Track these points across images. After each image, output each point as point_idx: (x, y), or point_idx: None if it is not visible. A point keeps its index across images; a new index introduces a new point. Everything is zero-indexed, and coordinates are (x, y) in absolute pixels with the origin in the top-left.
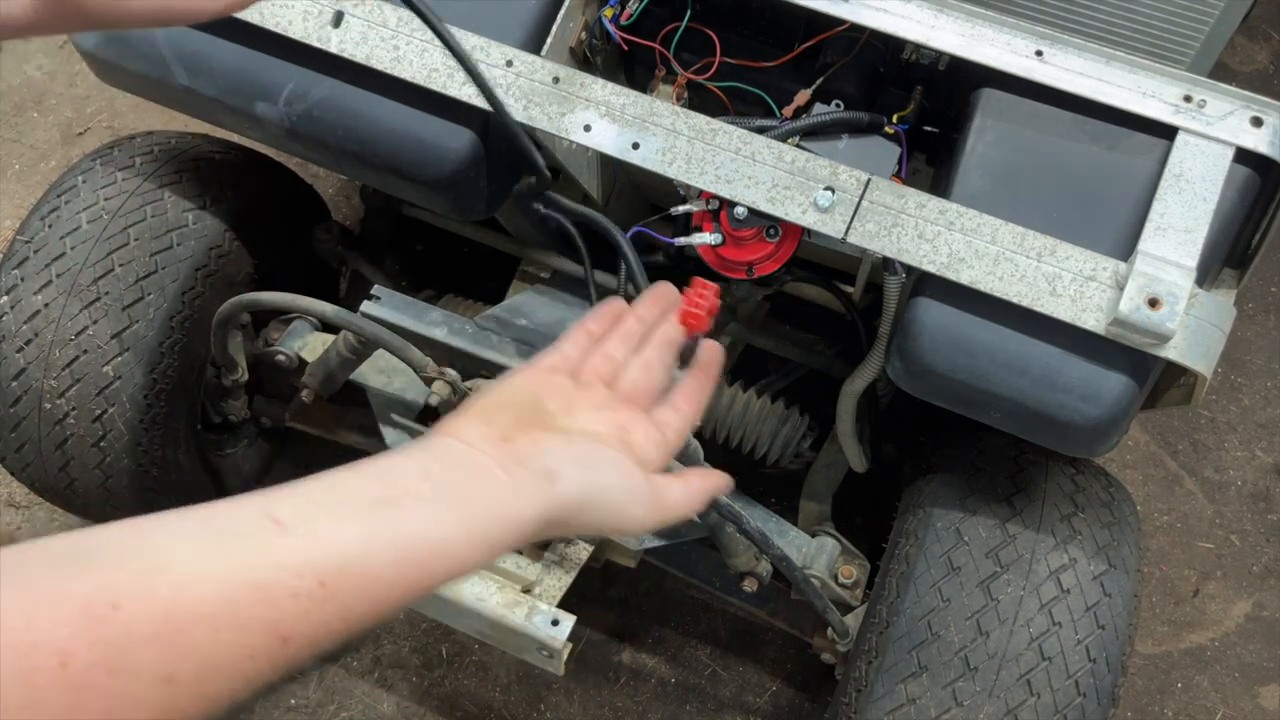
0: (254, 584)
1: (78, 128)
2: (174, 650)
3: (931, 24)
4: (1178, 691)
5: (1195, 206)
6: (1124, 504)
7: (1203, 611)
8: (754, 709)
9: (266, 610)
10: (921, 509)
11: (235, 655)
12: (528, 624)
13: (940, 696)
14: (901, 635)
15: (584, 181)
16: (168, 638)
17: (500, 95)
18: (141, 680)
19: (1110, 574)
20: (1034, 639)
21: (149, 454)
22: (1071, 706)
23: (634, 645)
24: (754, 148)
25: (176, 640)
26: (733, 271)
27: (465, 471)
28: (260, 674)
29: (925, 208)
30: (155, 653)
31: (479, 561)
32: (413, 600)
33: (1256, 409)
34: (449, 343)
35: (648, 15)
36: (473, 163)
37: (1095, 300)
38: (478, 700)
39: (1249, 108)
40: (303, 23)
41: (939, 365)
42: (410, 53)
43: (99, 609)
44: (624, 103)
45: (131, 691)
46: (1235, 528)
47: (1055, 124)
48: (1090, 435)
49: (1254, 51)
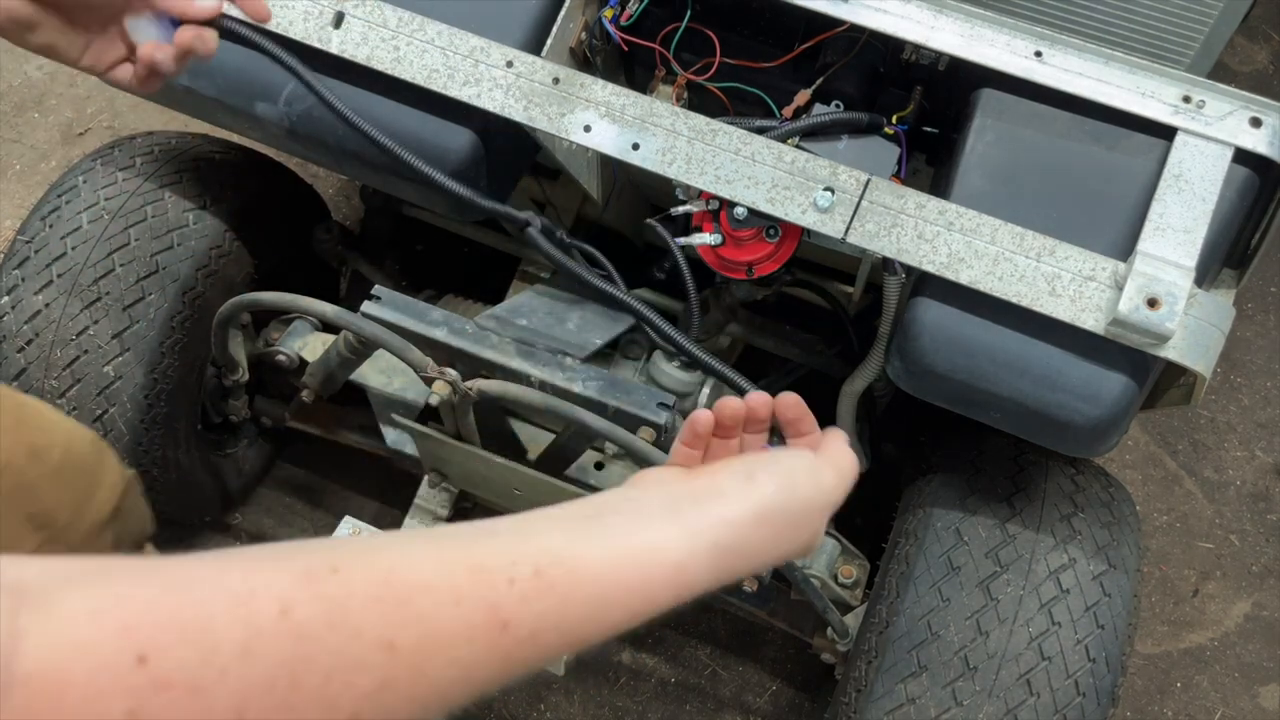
0: (471, 566)
1: (78, 128)
2: (395, 615)
3: (931, 24)
4: (1177, 691)
5: (1194, 207)
6: (1124, 504)
7: (1202, 611)
8: (754, 709)
9: (485, 590)
10: (921, 509)
11: (455, 631)
12: None
13: (940, 696)
14: (901, 635)
15: (584, 182)
16: (389, 602)
17: (501, 96)
18: (363, 641)
19: (1110, 574)
20: (1034, 639)
21: (149, 454)
22: (1071, 706)
23: (634, 645)
24: (754, 148)
25: (397, 606)
26: (733, 271)
27: (665, 486)
28: (479, 664)
29: (925, 208)
30: (377, 615)
31: (706, 565)
32: (641, 610)
33: (1256, 409)
34: (449, 343)
35: (648, 16)
36: (473, 163)
37: (1095, 300)
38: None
39: (1248, 108)
40: (303, 23)
41: (939, 365)
42: (410, 53)
43: (318, 571)
44: (624, 103)
45: (353, 651)
46: (1235, 528)
47: (1055, 124)
48: (1090, 435)
49: (1253, 52)
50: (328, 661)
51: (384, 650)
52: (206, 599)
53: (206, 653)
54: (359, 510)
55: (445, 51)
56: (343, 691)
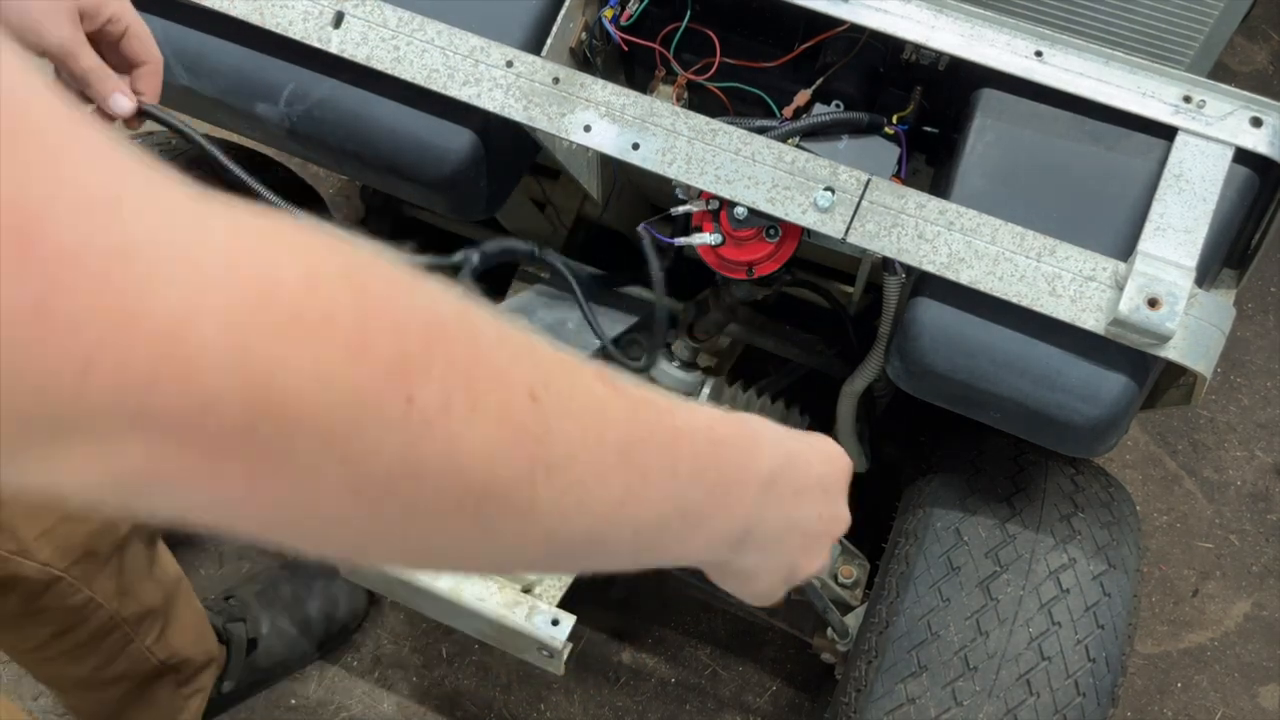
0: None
1: None
2: (530, 358)
3: (931, 24)
4: (1177, 691)
5: (1195, 207)
6: (1123, 504)
7: (1202, 611)
8: (754, 709)
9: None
10: (921, 509)
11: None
12: (528, 624)
13: (940, 696)
14: (901, 635)
15: (584, 182)
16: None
17: (501, 96)
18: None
19: (1110, 574)
20: (1033, 639)
21: None
22: (1071, 706)
23: (634, 645)
24: (754, 148)
25: (528, 351)
26: (733, 271)
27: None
28: (608, 435)
29: (925, 208)
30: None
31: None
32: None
33: (1256, 409)
34: None
35: (648, 15)
36: (473, 163)
37: (1095, 300)
38: (478, 700)
39: (1249, 108)
40: (303, 23)
41: (939, 365)
42: (410, 53)
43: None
44: (624, 103)
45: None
46: (1235, 528)
47: (1055, 124)
48: (1090, 435)
49: (1254, 52)
50: (494, 329)
51: (530, 350)
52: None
53: (384, 256)
54: None
55: (445, 51)
56: (515, 359)
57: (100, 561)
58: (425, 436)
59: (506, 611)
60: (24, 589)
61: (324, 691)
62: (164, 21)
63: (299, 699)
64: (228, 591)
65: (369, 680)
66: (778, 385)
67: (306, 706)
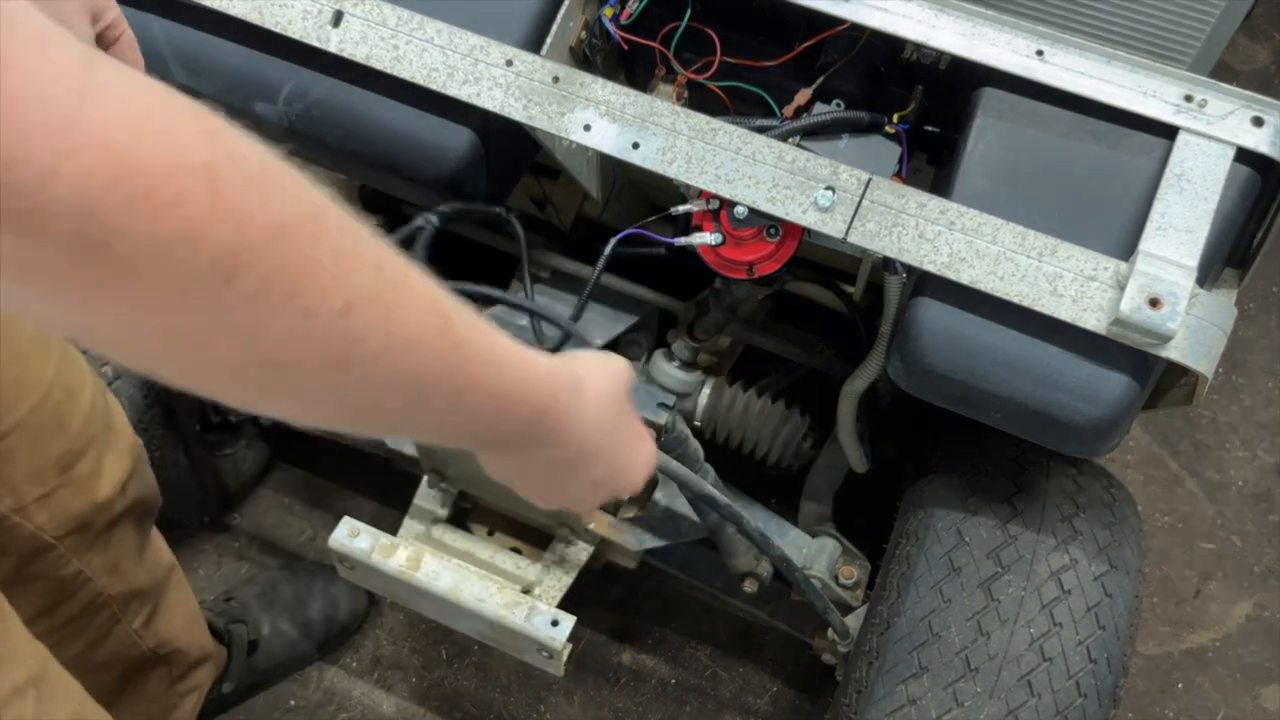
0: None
1: None
2: (388, 256)
3: (932, 23)
4: (1179, 692)
5: (1196, 206)
6: (1125, 504)
7: (1204, 612)
8: (754, 710)
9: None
10: (922, 509)
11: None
12: (528, 625)
13: (941, 697)
14: (902, 636)
15: (584, 181)
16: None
17: (500, 95)
18: (363, 246)
19: (1111, 574)
20: (1035, 640)
21: (148, 454)
22: (1072, 707)
23: (634, 646)
24: (754, 147)
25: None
26: (733, 271)
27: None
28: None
29: (926, 207)
30: (375, 247)
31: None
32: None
33: (1258, 409)
34: None
35: (648, 14)
36: (472, 163)
37: (1096, 300)
38: (478, 701)
39: (1250, 107)
40: (302, 22)
41: (939, 365)
42: (410, 52)
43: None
44: (624, 102)
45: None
46: (1236, 528)
47: (1056, 123)
48: (1091, 435)
49: (1255, 51)
50: (341, 240)
51: (376, 268)
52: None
53: (262, 156)
54: (359, 510)
55: (445, 50)
56: (348, 273)
57: (91, 535)
58: (234, 309)
59: (506, 612)
60: (17, 553)
61: (323, 692)
62: (163, 20)
63: (298, 699)
64: (228, 593)
65: (369, 681)
66: (778, 385)
67: (306, 707)
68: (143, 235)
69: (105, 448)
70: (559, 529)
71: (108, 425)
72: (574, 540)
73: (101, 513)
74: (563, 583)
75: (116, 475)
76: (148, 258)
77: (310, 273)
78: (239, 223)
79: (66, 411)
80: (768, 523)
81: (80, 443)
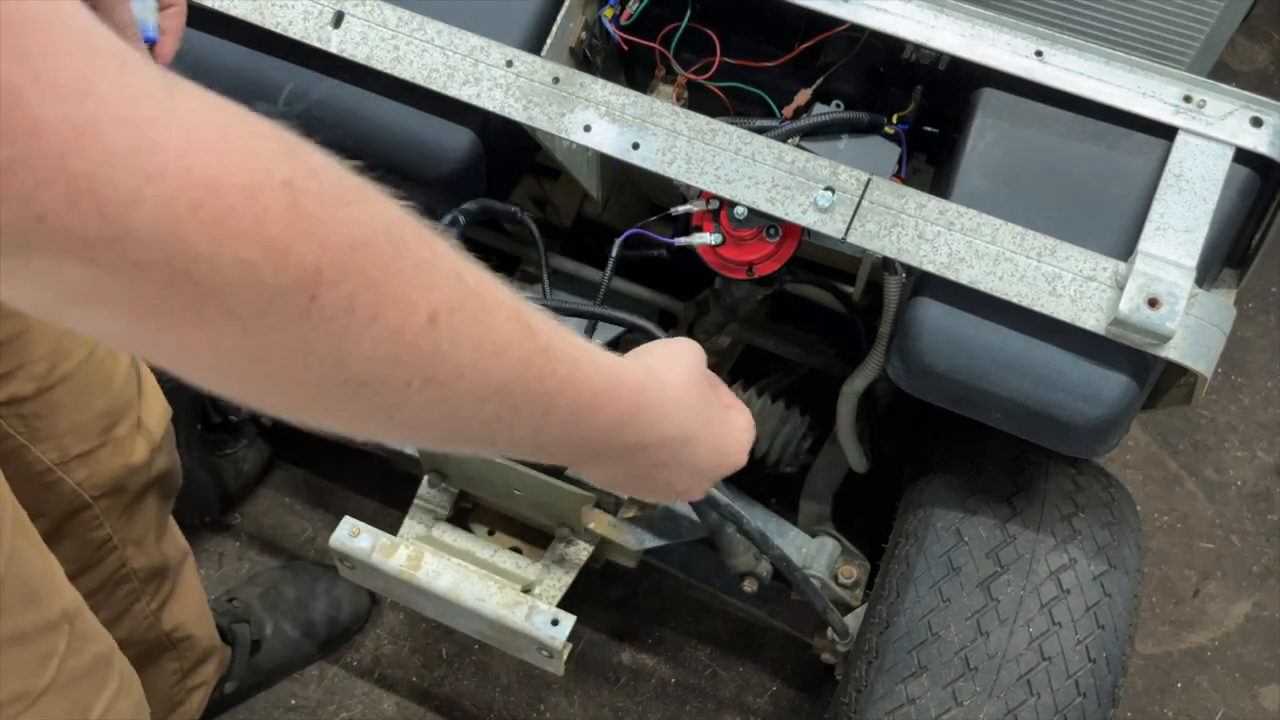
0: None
1: None
2: (466, 270)
3: (931, 24)
4: (1178, 691)
5: (1195, 206)
6: (1124, 504)
7: (1203, 611)
8: (754, 709)
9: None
10: (921, 509)
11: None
12: (528, 624)
13: (940, 696)
14: (901, 635)
15: (584, 181)
16: (457, 259)
17: (501, 95)
18: (442, 261)
19: (1110, 574)
20: (1034, 639)
21: None
22: (1071, 707)
23: (634, 645)
24: (754, 148)
25: (466, 267)
26: (733, 271)
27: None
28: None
29: (925, 208)
30: (453, 258)
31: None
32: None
33: (1257, 409)
34: None
35: (648, 15)
36: (473, 163)
37: (1095, 300)
38: (478, 700)
39: (1249, 108)
40: (303, 23)
41: (939, 365)
42: (410, 53)
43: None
44: (624, 103)
45: (438, 264)
46: (1235, 528)
47: (1055, 124)
48: (1090, 435)
49: (1254, 51)
50: (421, 253)
51: (456, 278)
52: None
53: (341, 171)
54: (359, 510)
55: (445, 51)
56: (430, 285)
57: (125, 501)
58: (321, 329)
59: (506, 611)
60: (54, 511)
61: (324, 691)
62: None
63: (299, 699)
64: (230, 593)
65: (369, 680)
66: (778, 385)
67: (306, 707)
68: (226, 256)
69: (143, 410)
70: (559, 529)
71: (142, 388)
72: (574, 540)
73: (135, 477)
74: (563, 582)
75: (153, 437)
76: (231, 280)
77: (394, 287)
78: (321, 240)
79: (109, 369)
80: (767, 523)
81: (121, 402)
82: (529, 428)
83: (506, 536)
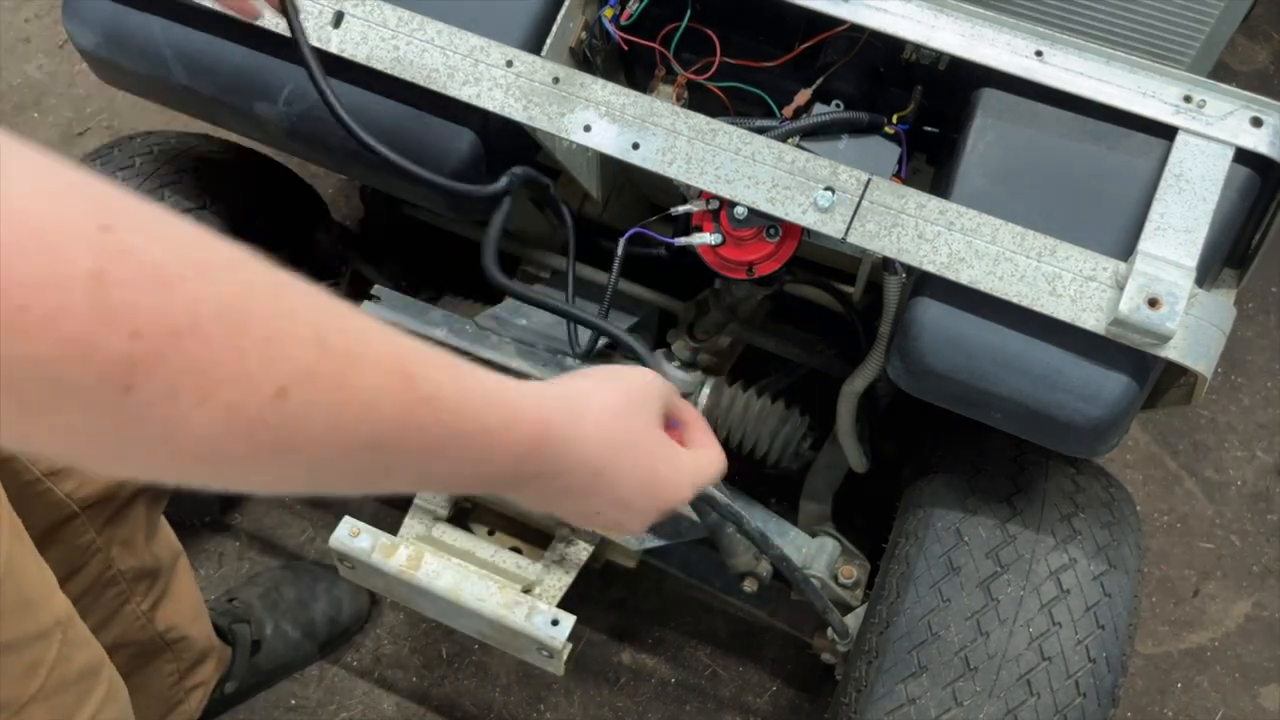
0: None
1: (78, 128)
2: (332, 323)
3: (931, 24)
4: (1178, 691)
5: (1195, 206)
6: (1124, 504)
7: (1203, 611)
8: (754, 709)
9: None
10: (921, 509)
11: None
12: (528, 624)
13: (940, 696)
14: (901, 635)
15: (584, 181)
16: (328, 311)
17: (501, 95)
18: (299, 323)
19: (1110, 574)
20: (1034, 639)
21: None
22: (1071, 707)
23: (634, 645)
24: (754, 148)
25: (336, 316)
26: (733, 271)
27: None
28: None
29: (925, 208)
30: (313, 313)
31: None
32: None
33: (1257, 409)
34: (449, 342)
35: (648, 15)
36: (473, 163)
37: (1095, 300)
38: (478, 700)
39: (1249, 108)
40: (303, 23)
41: (939, 365)
42: (410, 53)
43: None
44: (624, 103)
45: (293, 328)
46: (1235, 528)
47: (1055, 124)
48: (1090, 435)
49: (1254, 51)
50: (271, 324)
51: (317, 343)
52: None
53: (172, 244)
54: (359, 510)
55: (445, 51)
56: (279, 357)
57: (112, 509)
58: (137, 417)
59: (506, 611)
60: (42, 520)
61: (324, 691)
62: (165, 21)
63: (299, 699)
64: (230, 593)
65: (369, 680)
66: (778, 385)
67: (306, 707)
68: (19, 357)
69: None
70: (559, 529)
71: None
72: (574, 540)
73: (125, 485)
74: (563, 582)
75: None
76: (29, 378)
77: (231, 366)
78: (135, 329)
79: None
80: (767, 522)
81: None
82: (413, 473)
83: (506, 536)
